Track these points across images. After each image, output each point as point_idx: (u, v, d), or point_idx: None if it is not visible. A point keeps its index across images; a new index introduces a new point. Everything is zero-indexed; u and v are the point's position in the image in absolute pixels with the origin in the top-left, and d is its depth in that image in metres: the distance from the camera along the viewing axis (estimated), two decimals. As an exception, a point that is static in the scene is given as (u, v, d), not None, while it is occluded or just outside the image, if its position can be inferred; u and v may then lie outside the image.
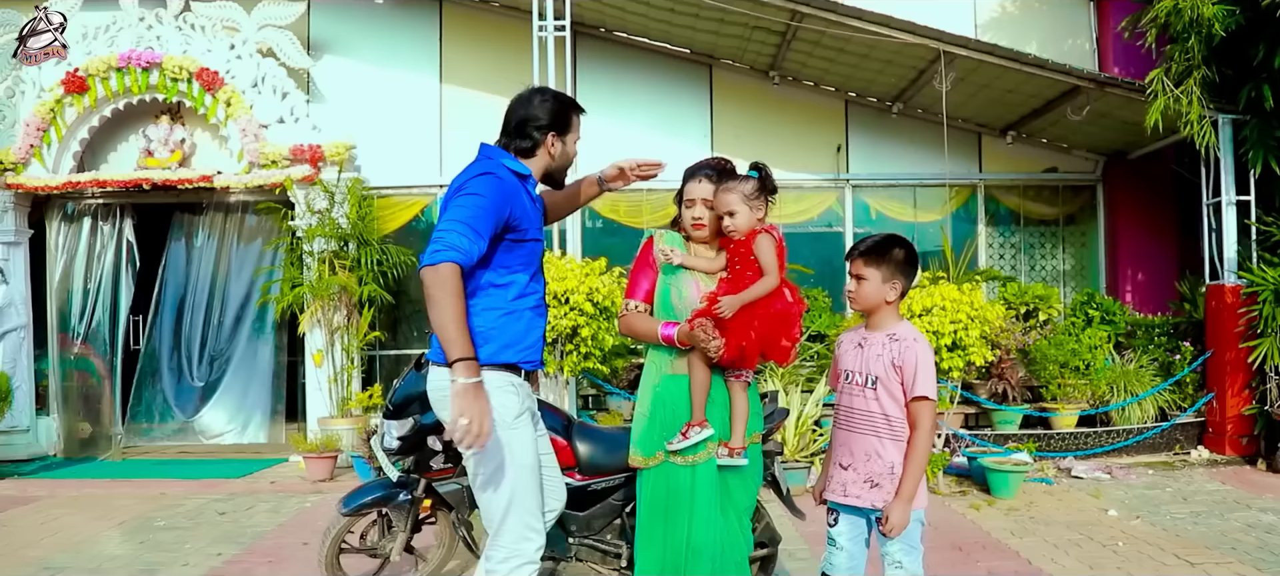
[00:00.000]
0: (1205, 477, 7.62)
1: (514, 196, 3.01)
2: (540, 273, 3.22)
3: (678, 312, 3.21)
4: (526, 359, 3.10)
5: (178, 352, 10.01)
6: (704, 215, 3.26)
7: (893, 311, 3.16)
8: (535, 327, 3.16)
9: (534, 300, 3.15)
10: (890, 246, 3.12)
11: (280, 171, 9.22)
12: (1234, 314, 8.24)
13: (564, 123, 3.23)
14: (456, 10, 10.09)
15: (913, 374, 3.00)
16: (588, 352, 7.19)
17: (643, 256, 3.38)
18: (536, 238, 3.15)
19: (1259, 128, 8.17)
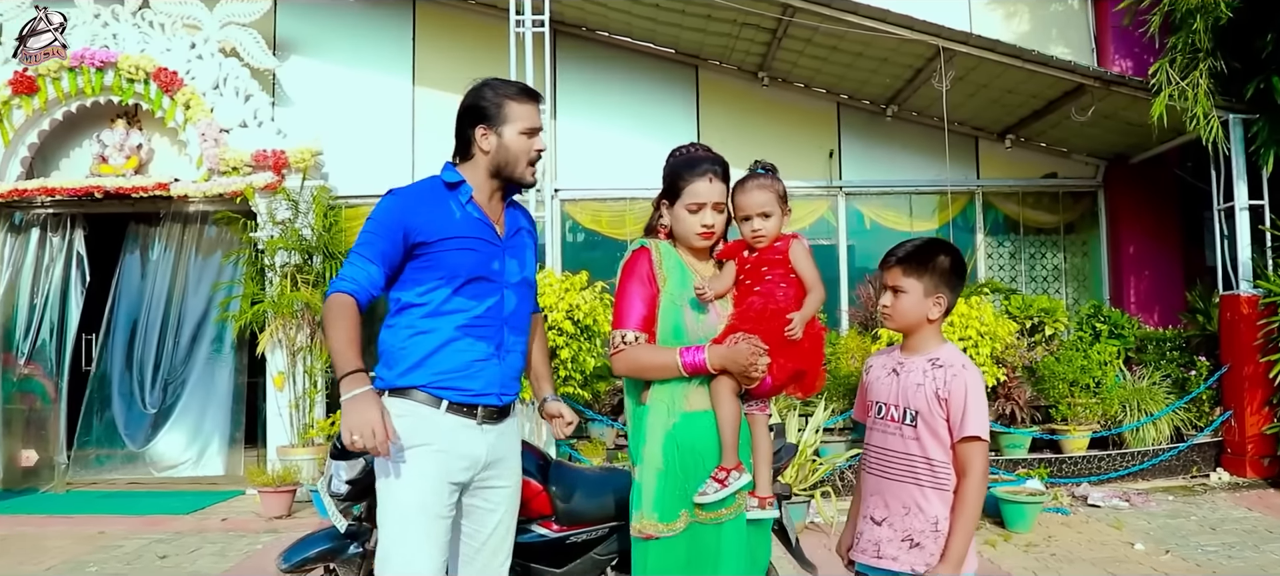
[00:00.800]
0: (1229, 503, 7.16)
1: (417, 209, 2.73)
2: (480, 288, 2.76)
3: (691, 340, 2.66)
4: (442, 384, 2.69)
5: (129, 375, 9.33)
6: (716, 222, 2.72)
7: (935, 332, 2.64)
8: (460, 350, 2.71)
9: (463, 319, 2.72)
10: (933, 252, 2.61)
11: (242, 179, 8.64)
12: (1251, 326, 7.80)
13: (492, 113, 2.79)
14: (430, 8, 9.57)
15: (961, 408, 2.48)
16: (567, 376, 6.64)
17: (632, 273, 2.74)
18: (466, 248, 2.74)
19: (1269, 124, 7.74)
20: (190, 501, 7.99)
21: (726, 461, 2.60)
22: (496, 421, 2.80)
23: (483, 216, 2.79)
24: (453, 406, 2.69)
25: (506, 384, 2.81)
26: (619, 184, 9.43)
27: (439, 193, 2.78)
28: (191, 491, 8.48)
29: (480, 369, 2.74)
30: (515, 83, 2.90)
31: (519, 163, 2.81)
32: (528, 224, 3.05)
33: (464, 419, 2.71)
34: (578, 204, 9.55)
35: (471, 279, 2.73)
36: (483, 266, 2.75)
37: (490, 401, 2.75)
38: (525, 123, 2.80)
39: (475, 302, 2.74)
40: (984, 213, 9.96)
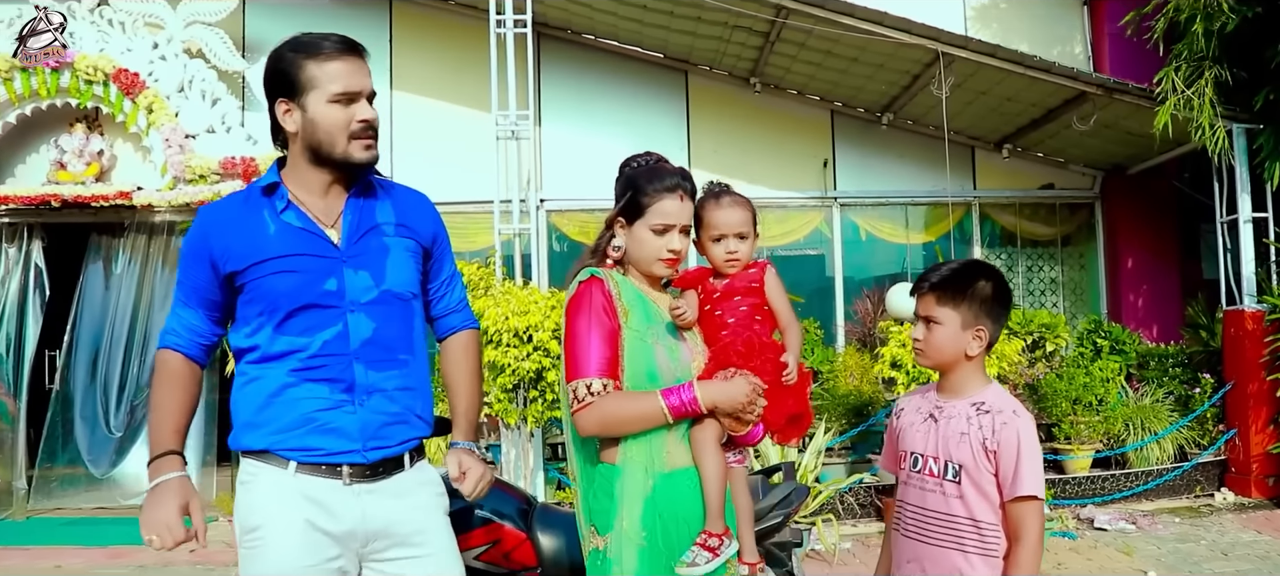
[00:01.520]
0: (1237, 525, 6.90)
1: (219, 231, 2.21)
2: (310, 318, 2.18)
3: (666, 382, 2.25)
4: (286, 445, 2.16)
5: (93, 395, 8.81)
6: (683, 248, 2.35)
7: (977, 369, 2.32)
8: (297, 399, 2.17)
9: (295, 360, 2.17)
10: (972, 277, 2.29)
11: (209, 187, 8.20)
12: (1256, 342, 7.55)
13: (292, 81, 2.19)
14: (408, 9, 9.20)
15: (1014, 462, 2.16)
16: (554, 398, 6.26)
17: (585, 309, 2.27)
18: (283, 271, 2.17)
19: (1275, 135, 7.50)
20: (155, 530, 7.55)
21: (714, 526, 2.20)
22: (374, 479, 2.21)
23: (306, 224, 2.21)
24: (304, 467, 2.17)
25: (376, 435, 2.20)
26: (606, 193, 9.02)
27: (252, 203, 2.24)
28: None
29: (328, 420, 2.17)
30: (323, 36, 2.23)
31: (335, 139, 2.19)
32: (398, 214, 2.35)
33: (324, 479, 2.16)
34: (564, 215, 9.20)
35: (296, 310, 2.17)
36: (309, 290, 2.17)
37: (354, 459, 2.18)
38: (337, 86, 2.17)
39: (306, 338, 2.17)
40: (981, 224, 9.70)
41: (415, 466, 2.33)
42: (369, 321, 2.23)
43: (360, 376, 2.20)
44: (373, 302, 2.24)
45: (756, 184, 8.92)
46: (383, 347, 2.24)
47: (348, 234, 2.25)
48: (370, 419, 2.21)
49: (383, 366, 2.24)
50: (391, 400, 2.24)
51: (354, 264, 2.23)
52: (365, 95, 2.23)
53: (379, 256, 2.27)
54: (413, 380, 2.32)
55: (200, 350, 2.29)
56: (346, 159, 2.21)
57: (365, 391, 2.21)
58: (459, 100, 8.94)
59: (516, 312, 6.16)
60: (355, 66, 2.22)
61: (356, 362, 2.20)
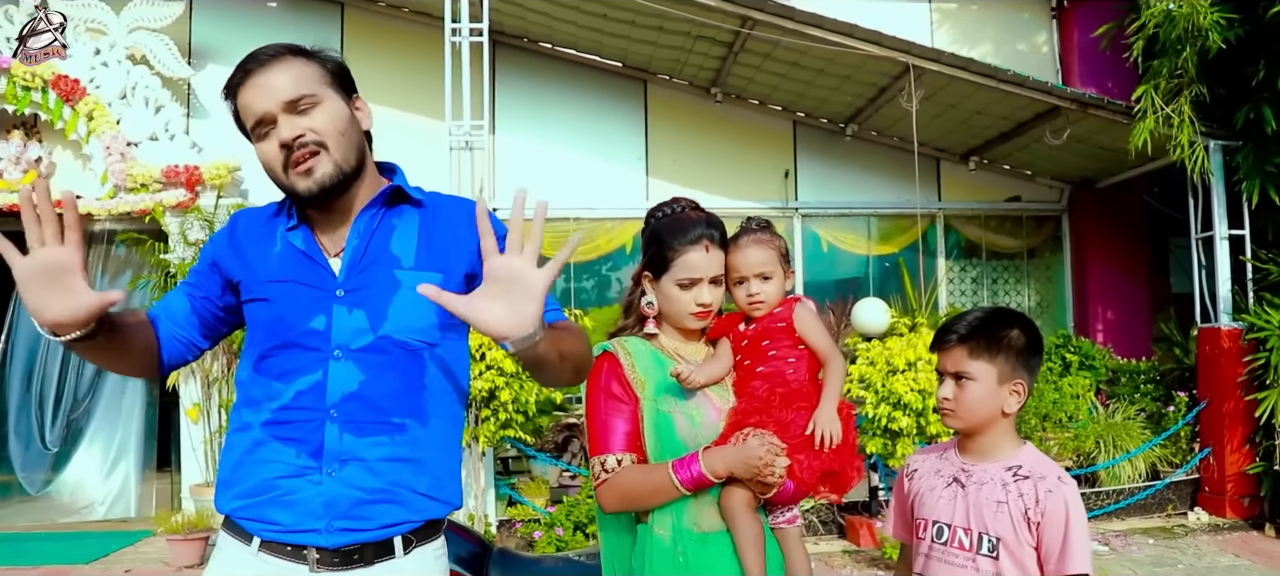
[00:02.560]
0: (1213, 547, 6.75)
1: (238, 236, 1.94)
2: (288, 359, 1.81)
3: (693, 448, 2.06)
4: (249, 514, 1.81)
5: (28, 409, 8.44)
6: (714, 299, 2.15)
7: (1011, 429, 2.07)
8: (263, 459, 1.80)
9: (268, 412, 1.81)
10: (1004, 326, 2.04)
11: (151, 196, 7.89)
12: (1231, 360, 7.42)
13: (237, 120, 1.89)
14: (360, 16, 8.90)
15: (1061, 536, 1.91)
16: (507, 419, 6.00)
17: (602, 386, 2.13)
18: (273, 298, 1.84)
19: (1254, 154, 7.40)
20: (93, 546, 7.16)
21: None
22: (346, 567, 1.80)
23: (309, 248, 1.86)
24: (268, 545, 1.80)
25: (346, 513, 1.78)
26: (563, 204, 8.81)
27: (273, 218, 1.94)
28: (97, 532, 7.64)
29: (290, 491, 1.78)
30: (249, 56, 1.83)
31: (276, 176, 1.84)
32: (425, 240, 1.91)
33: (289, 562, 1.79)
34: (519, 225, 8.92)
35: (276, 347, 1.82)
36: (291, 327, 1.81)
37: (316, 541, 1.78)
38: (250, 118, 1.83)
39: (281, 383, 1.81)
40: (945, 236, 9.55)
41: (412, 554, 1.85)
42: (356, 372, 1.80)
43: (331, 439, 1.78)
44: (365, 350, 1.81)
45: (716, 194, 8.71)
46: (370, 406, 1.80)
47: (349, 264, 1.84)
48: (339, 493, 1.78)
49: (366, 431, 1.80)
50: (372, 473, 1.79)
51: (350, 301, 1.82)
52: (279, 111, 1.79)
53: (384, 293, 1.83)
54: (412, 451, 1.84)
55: (171, 341, 1.91)
56: (292, 194, 1.85)
57: (336, 459, 1.78)
58: (411, 108, 8.65)
59: (469, 331, 5.90)
60: (264, 83, 1.79)
61: (330, 422, 1.79)
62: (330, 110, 1.82)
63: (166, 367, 1.93)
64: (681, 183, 8.76)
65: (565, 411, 7.61)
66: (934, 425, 6.18)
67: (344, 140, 1.83)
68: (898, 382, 6.21)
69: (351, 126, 1.86)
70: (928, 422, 6.18)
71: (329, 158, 1.80)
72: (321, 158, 1.79)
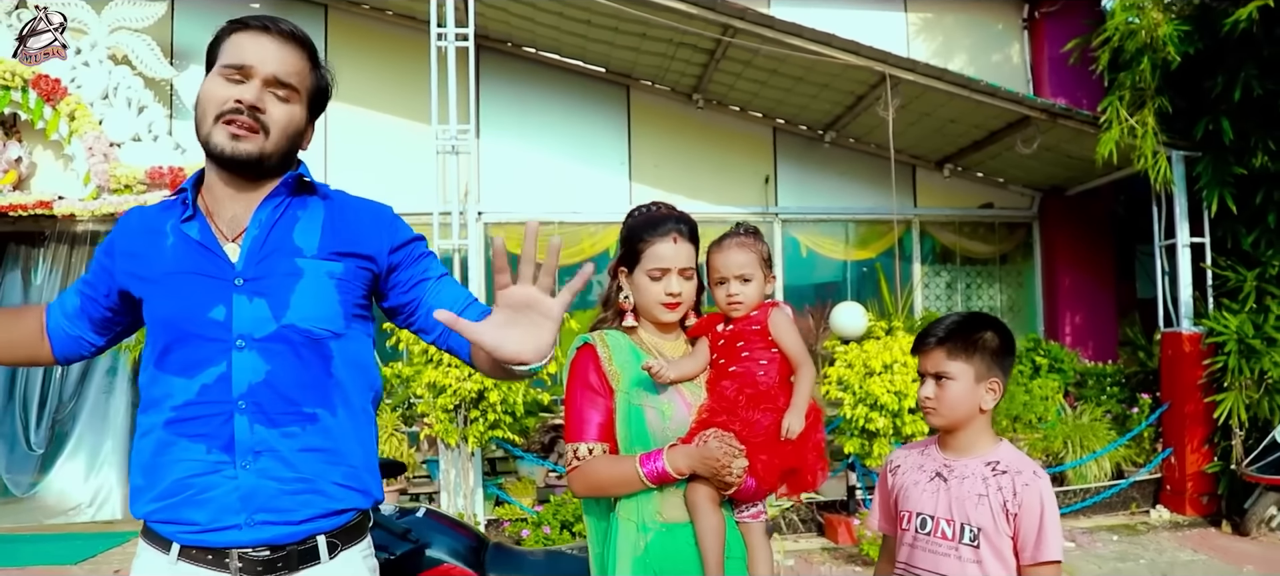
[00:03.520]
0: (1173, 543, 7.00)
1: (127, 236, 1.90)
2: (188, 353, 1.76)
3: (662, 442, 2.17)
4: (160, 515, 1.77)
5: (12, 412, 8.46)
6: (683, 290, 2.26)
7: (987, 426, 2.23)
8: (173, 458, 1.76)
9: (168, 410, 1.76)
10: (979, 328, 2.21)
11: (135, 197, 7.90)
12: (1192, 364, 7.67)
13: (209, 57, 1.88)
14: (344, 18, 8.95)
15: (1036, 526, 2.07)
16: (496, 420, 6.12)
17: (580, 376, 2.25)
18: (167, 292, 1.80)
19: (1214, 164, 7.66)
20: (82, 547, 7.18)
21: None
22: (269, 574, 1.76)
23: (205, 238, 1.82)
24: (187, 552, 1.75)
25: (265, 504, 1.75)
26: (547, 207, 8.95)
27: (165, 213, 1.89)
28: (83, 534, 7.65)
29: (205, 487, 1.73)
30: (261, 15, 1.88)
31: (205, 118, 1.81)
32: (329, 231, 1.90)
33: (211, 571, 1.75)
34: (502, 227, 9.01)
35: (173, 342, 1.77)
36: (191, 318, 1.76)
37: (236, 538, 1.73)
38: (232, 57, 1.81)
39: (183, 379, 1.75)
40: (921, 241, 9.76)
41: (339, 558, 1.83)
42: (261, 362, 1.76)
43: (242, 432, 1.75)
44: (268, 339, 1.77)
45: (697, 199, 8.86)
46: (279, 397, 1.77)
47: (248, 252, 1.81)
48: (257, 486, 1.74)
49: (277, 421, 1.77)
50: (287, 464, 1.77)
51: (250, 289, 1.78)
52: (262, 77, 1.80)
53: (285, 282, 1.81)
54: (327, 441, 1.81)
55: (61, 335, 1.96)
56: (208, 145, 1.80)
57: (250, 451, 1.75)
58: (395, 111, 8.73)
59: (458, 333, 6.00)
60: (262, 44, 1.82)
61: (239, 415, 1.75)
62: (292, 114, 1.87)
63: (61, 359, 2.00)
64: (663, 188, 8.88)
65: (551, 413, 7.71)
66: (909, 425, 6.36)
67: (283, 142, 1.86)
68: (874, 384, 6.39)
69: (295, 139, 1.90)
70: (903, 423, 6.36)
71: (261, 142, 1.81)
72: (257, 138, 1.81)
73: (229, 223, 1.86)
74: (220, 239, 1.83)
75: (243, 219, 1.85)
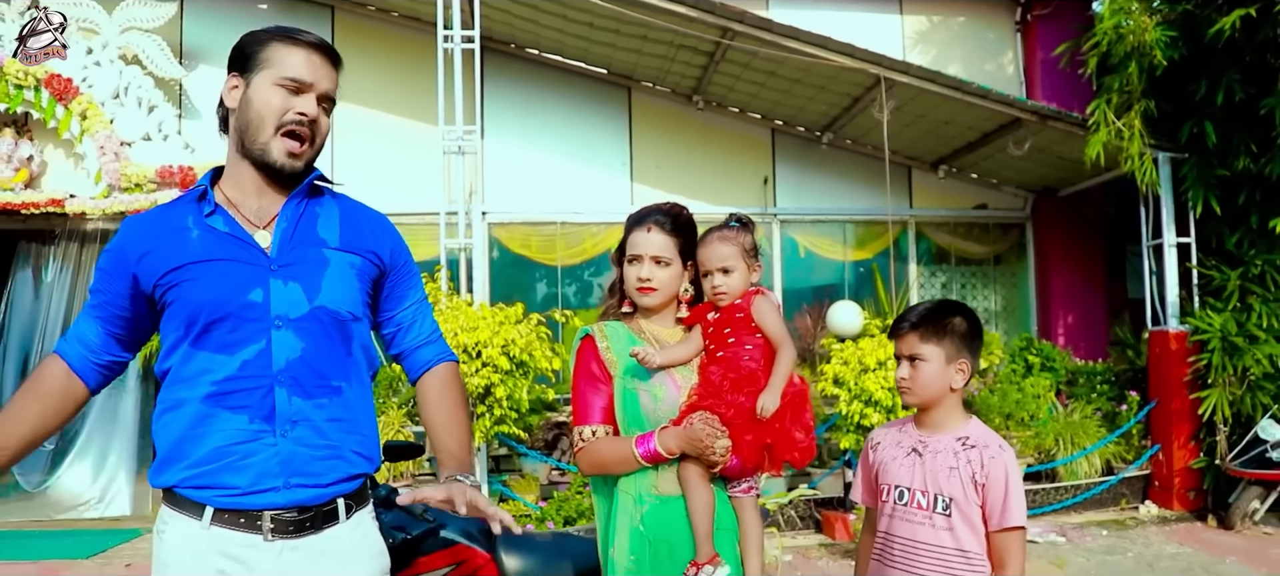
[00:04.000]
0: (1160, 537, 7.18)
1: (144, 239, 1.99)
2: (229, 332, 1.93)
3: (655, 422, 2.36)
4: (200, 481, 1.90)
5: (23, 410, 8.60)
6: (653, 275, 2.43)
7: (958, 404, 2.42)
8: (214, 429, 1.90)
9: (208, 383, 1.91)
10: (949, 314, 2.40)
11: (145, 195, 8.07)
12: (1178, 361, 7.86)
13: (248, 56, 2.01)
14: (351, 20, 9.11)
15: (1002, 495, 2.26)
16: (502, 415, 6.28)
17: (583, 365, 2.46)
18: (203, 278, 1.93)
19: (1199, 166, 7.85)
20: (91, 543, 7.33)
21: (700, 554, 2.30)
22: (300, 534, 1.93)
23: (234, 228, 1.98)
24: (221, 515, 1.89)
25: (300, 470, 1.93)
26: (549, 207, 9.12)
27: (179, 210, 2.02)
28: (93, 530, 7.80)
29: (246, 454, 1.89)
30: (305, 32, 2.05)
31: (263, 126, 1.97)
32: (345, 228, 2.12)
33: (243, 533, 1.89)
34: (506, 227, 9.18)
35: (213, 322, 1.91)
36: (229, 300, 1.92)
37: (273, 500, 1.90)
38: (285, 71, 1.97)
39: (224, 356, 1.91)
40: (917, 242, 9.94)
41: (353, 519, 2.02)
42: (297, 340, 1.95)
43: (282, 403, 1.93)
44: (303, 319, 1.97)
45: (697, 200, 9.00)
46: (311, 371, 1.97)
47: (281, 241, 2.00)
48: (294, 452, 1.93)
49: (311, 393, 1.96)
50: (318, 432, 1.96)
51: (284, 275, 1.97)
52: (317, 93, 2.02)
53: (315, 268, 2.01)
54: (348, 411, 2.03)
55: (92, 371, 2.05)
56: (263, 153, 1.98)
57: (288, 421, 1.93)
58: (401, 112, 8.88)
59: (465, 328, 6.16)
60: (318, 63, 2.02)
61: (279, 387, 1.93)
62: (327, 125, 2.09)
63: (97, 390, 2.08)
64: (664, 188, 9.03)
65: (555, 411, 7.88)
66: (903, 421, 6.52)
67: (319, 150, 2.08)
68: (869, 381, 6.57)
69: (322, 146, 2.12)
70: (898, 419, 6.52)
71: (309, 151, 2.03)
72: (308, 148, 2.03)
73: (255, 213, 2.03)
74: (248, 229, 2.00)
75: (269, 210, 2.03)
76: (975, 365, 2.42)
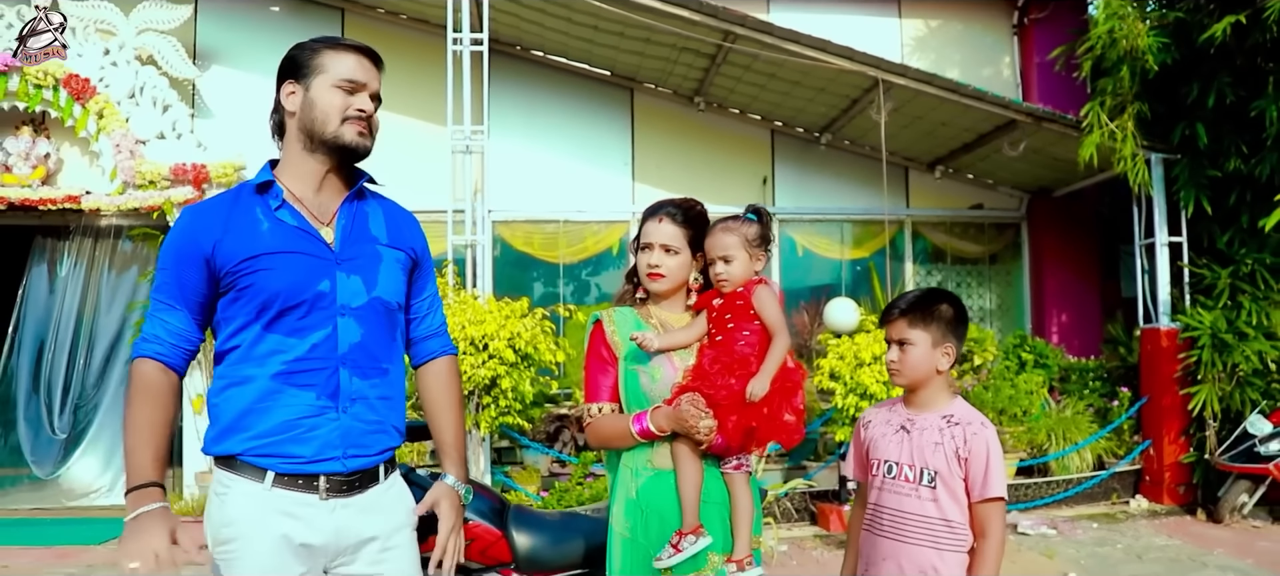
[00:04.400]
0: (1150, 530, 7.34)
1: (214, 226, 2.17)
2: (301, 318, 2.17)
3: (653, 401, 2.56)
4: (265, 450, 2.13)
5: (36, 398, 8.79)
6: (662, 262, 2.63)
7: (944, 385, 2.60)
8: (282, 404, 2.14)
9: (279, 362, 2.15)
10: (936, 301, 2.58)
11: (160, 193, 8.24)
12: (1169, 358, 8.02)
13: (302, 65, 2.26)
14: (360, 21, 9.30)
15: (983, 468, 2.44)
16: (507, 406, 6.46)
17: (593, 348, 2.68)
18: (276, 268, 2.16)
19: (1190, 167, 8.02)
20: (102, 530, 7.50)
21: (686, 523, 2.50)
22: (349, 493, 2.20)
23: (301, 222, 2.22)
24: (282, 479, 2.13)
25: (356, 442, 2.21)
26: (552, 206, 9.31)
27: (245, 201, 2.22)
28: (103, 518, 7.96)
29: (311, 427, 2.15)
30: (347, 39, 2.36)
31: (329, 119, 2.23)
32: (390, 226, 2.39)
33: (301, 493, 2.14)
34: (510, 225, 9.37)
35: (287, 309, 2.15)
36: (301, 290, 2.16)
37: (333, 468, 2.17)
38: (341, 74, 2.24)
39: (295, 339, 2.16)
40: (913, 242, 10.11)
41: (388, 479, 2.32)
42: (358, 327, 2.22)
43: (345, 383, 2.20)
44: (362, 309, 2.24)
45: (698, 199, 9.16)
46: (368, 355, 2.24)
47: (342, 237, 2.26)
48: (352, 426, 2.20)
49: (367, 374, 2.24)
50: (372, 409, 2.25)
51: (347, 267, 2.23)
52: (369, 92, 2.29)
53: (371, 263, 2.29)
54: (392, 390, 2.32)
55: (182, 358, 2.19)
56: (336, 139, 2.23)
57: (349, 398, 2.20)
58: (411, 112, 9.05)
59: (473, 321, 6.36)
60: (367, 66, 2.29)
61: (343, 368, 2.19)
62: (378, 121, 2.38)
63: (184, 376, 2.24)
64: (665, 188, 9.19)
65: (557, 404, 8.06)
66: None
67: (374, 141, 2.35)
68: (865, 375, 6.74)
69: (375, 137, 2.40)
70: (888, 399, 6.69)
71: (371, 141, 2.32)
72: (367, 133, 2.30)
73: (318, 209, 2.28)
74: (314, 224, 2.25)
75: (329, 207, 2.29)
76: (960, 349, 2.60)
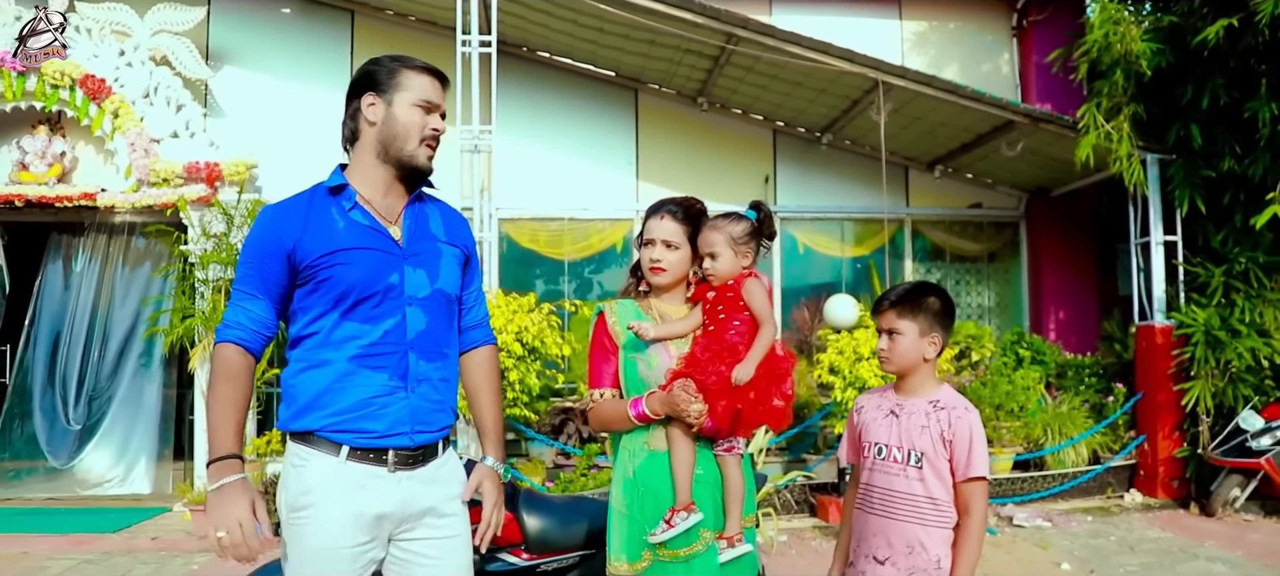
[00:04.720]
0: (1144, 523, 7.49)
1: (295, 223, 2.40)
2: (374, 308, 2.40)
3: (649, 387, 2.74)
4: (341, 426, 2.35)
5: (52, 390, 9.00)
6: (663, 257, 2.81)
7: (931, 372, 2.77)
8: (358, 385, 2.37)
9: (355, 347, 2.37)
10: (924, 294, 2.74)
11: (173, 191, 8.44)
12: (1164, 355, 8.18)
13: (382, 80, 2.48)
14: (370, 23, 9.47)
15: (966, 449, 2.60)
16: (514, 398, 6.64)
17: (597, 338, 2.87)
18: (352, 263, 2.38)
19: (1185, 167, 8.17)
20: (116, 519, 7.72)
21: (678, 501, 2.67)
22: (414, 466, 2.43)
23: (372, 222, 2.45)
24: (355, 453, 2.35)
25: (422, 419, 2.44)
26: (557, 205, 9.48)
27: (320, 201, 2.45)
28: (116, 508, 8.18)
29: (383, 405, 2.38)
30: (416, 58, 2.56)
31: (409, 137, 2.46)
32: (446, 226, 2.63)
33: (371, 466, 2.36)
34: (516, 223, 9.54)
35: (362, 299, 2.38)
36: (375, 282, 2.39)
37: (401, 443, 2.39)
38: (421, 94, 2.47)
39: (369, 326, 2.39)
40: (913, 240, 10.26)
41: (445, 454, 2.55)
42: (423, 315, 2.46)
43: (413, 366, 2.43)
44: (426, 299, 2.47)
45: (700, 197, 9.30)
46: (432, 341, 2.48)
47: (408, 235, 2.49)
48: (419, 405, 2.43)
49: (431, 358, 2.48)
50: (435, 389, 2.48)
51: (413, 262, 2.47)
52: (441, 112, 2.53)
53: (433, 258, 2.52)
54: (451, 373, 2.57)
55: (260, 343, 2.40)
56: (412, 159, 2.47)
57: (417, 380, 2.43)
58: (419, 111, 9.20)
59: (482, 316, 6.52)
60: (439, 88, 2.53)
61: (411, 353, 2.43)
62: None
63: (259, 359, 2.45)
64: (669, 187, 9.33)
65: (562, 396, 8.22)
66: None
67: None
68: (864, 369, 6.90)
69: None
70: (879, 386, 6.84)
71: (434, 156, 2.56)
72: (434, 154, 2.55)
73: (386, 210, 2.50)
74: (384, 224, 2.48)
75: (395, 208, 2.52)
76: (946, 339, 2.76)
